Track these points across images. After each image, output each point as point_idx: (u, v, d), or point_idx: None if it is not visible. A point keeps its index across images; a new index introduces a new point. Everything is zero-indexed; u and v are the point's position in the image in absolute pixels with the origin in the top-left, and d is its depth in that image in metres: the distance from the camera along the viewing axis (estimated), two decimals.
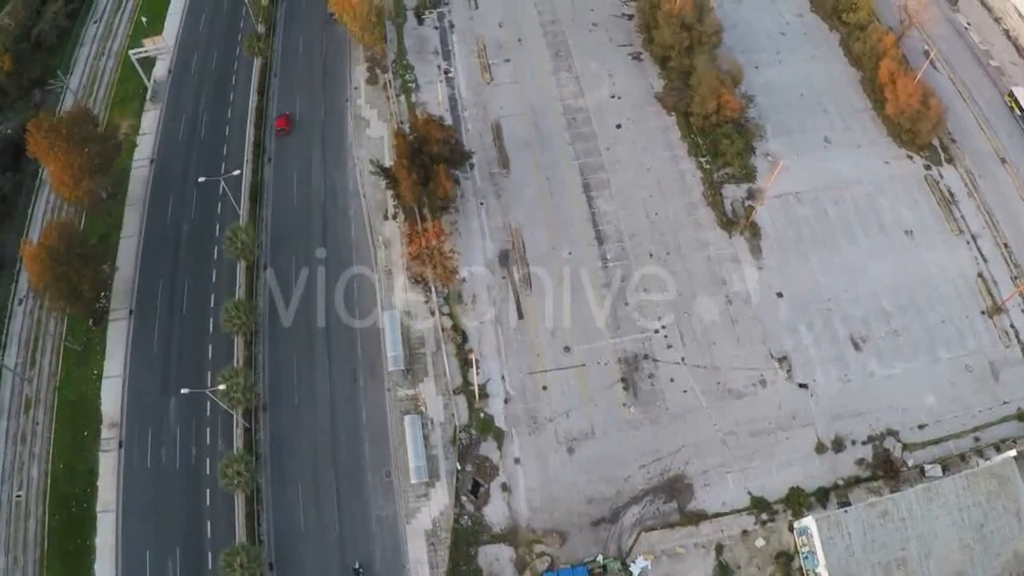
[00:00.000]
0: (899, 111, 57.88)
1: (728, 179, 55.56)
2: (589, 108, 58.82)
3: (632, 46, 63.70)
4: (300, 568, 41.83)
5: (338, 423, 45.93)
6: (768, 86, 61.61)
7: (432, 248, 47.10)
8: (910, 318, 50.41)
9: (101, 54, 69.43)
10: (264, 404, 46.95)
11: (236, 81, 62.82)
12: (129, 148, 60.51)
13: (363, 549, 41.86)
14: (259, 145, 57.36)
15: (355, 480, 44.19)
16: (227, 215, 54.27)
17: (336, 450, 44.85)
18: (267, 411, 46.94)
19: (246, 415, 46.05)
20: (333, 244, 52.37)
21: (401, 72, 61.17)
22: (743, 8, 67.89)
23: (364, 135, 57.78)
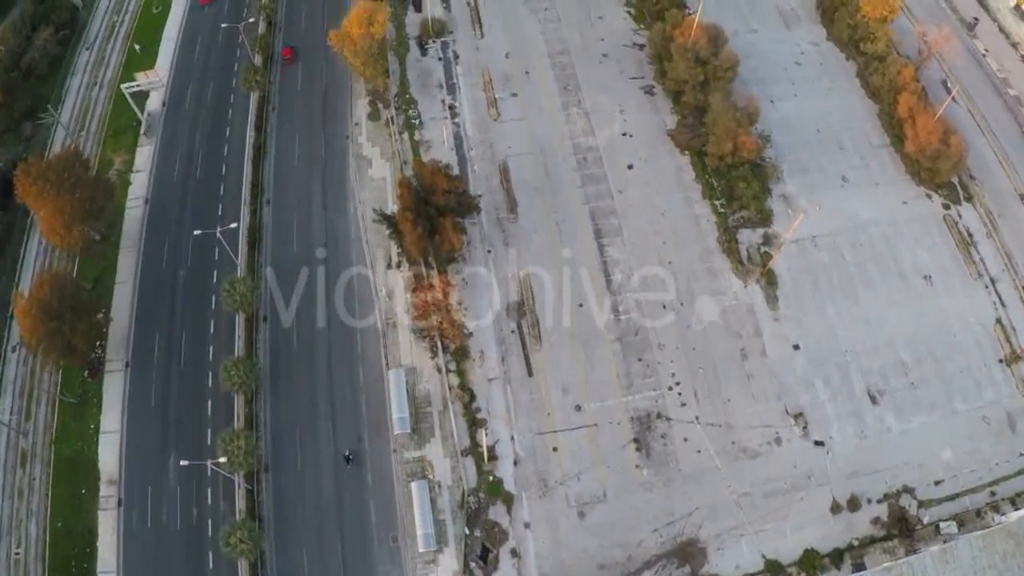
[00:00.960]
0: (919, 149, 56.13)
1: (743, 223, 53.79)
2: (600, 147, 56.79)
3: (644, 79, 61.44)
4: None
5: (343, 485, 44.71)
6: (784, 122, 59.69)
7: (439, 303, 46.05)
8: (928, 369, 49.37)
9: (93, 84, 66.96)
10: (266, 464, 45.61)
11: (232, 115, 60.56)
12: (123, 185, 58.59)
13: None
14: (257, 185, 55.37)
15: (361, 545, 42.94)
16: (224, 262, 52.42)
17: (341, 514, 43.70)
18: (269, 472, 45.60)
19: (248, 478, 44.72)
20: (334, 296, 49.79)
21: (404, 107, 58.94)
22: (758, 37, 65.60)
23: (366, 176, 55.73)
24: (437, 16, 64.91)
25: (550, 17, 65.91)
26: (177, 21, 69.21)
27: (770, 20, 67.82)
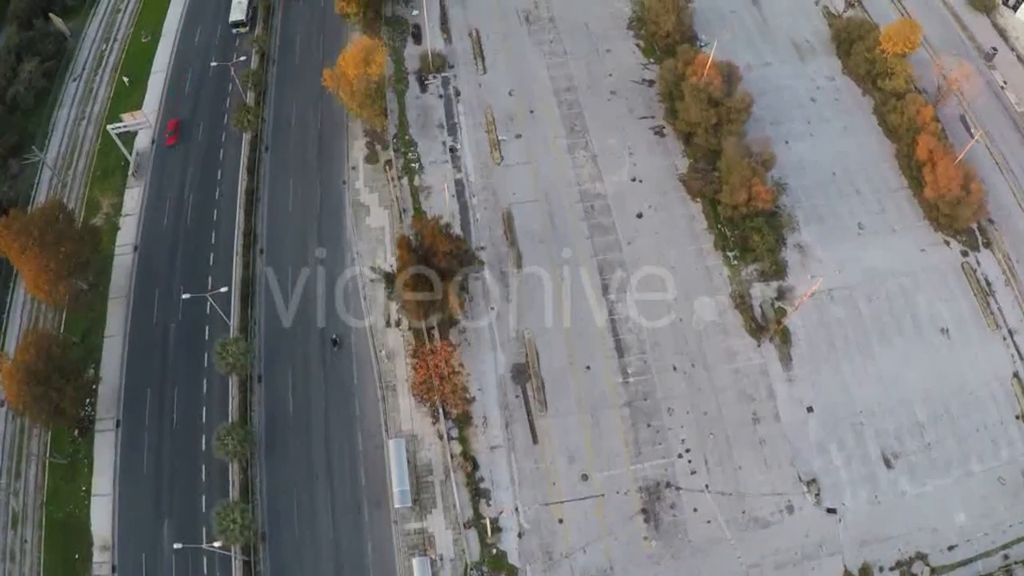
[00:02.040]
0: (938, 196, 54.03)
1: (757, 277, 51.58)
2: (608, 194, 54.45)
3: (654, 118, 58.85)
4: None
5: (342, 557, 43.02)
6: (799, 164, 57.32)
7: (440, 369, 44.07)
8: (944, 429, 47.79)
9: (81, 119, 64.38)
10: (263, 534, 43.93)
11: (224, 155, 58.13)
12: (111, 230, 56.43)
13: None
14: (250, 234, 53.00)
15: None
16: (217, 316, 50.12)
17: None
18: (267, 542, 43.95)
19: (245, 549, 42.98)
20: (331, 357, 48.11)
21: (403, 149, 56.46)
22: (772, 72, 62.85)
23: (364, 225, 53.44)
24: (437, 50, 61.94)
25: (555, 50, 63.11)
26: (167, 51, 66.47)
27: (784, 52, 64.93)
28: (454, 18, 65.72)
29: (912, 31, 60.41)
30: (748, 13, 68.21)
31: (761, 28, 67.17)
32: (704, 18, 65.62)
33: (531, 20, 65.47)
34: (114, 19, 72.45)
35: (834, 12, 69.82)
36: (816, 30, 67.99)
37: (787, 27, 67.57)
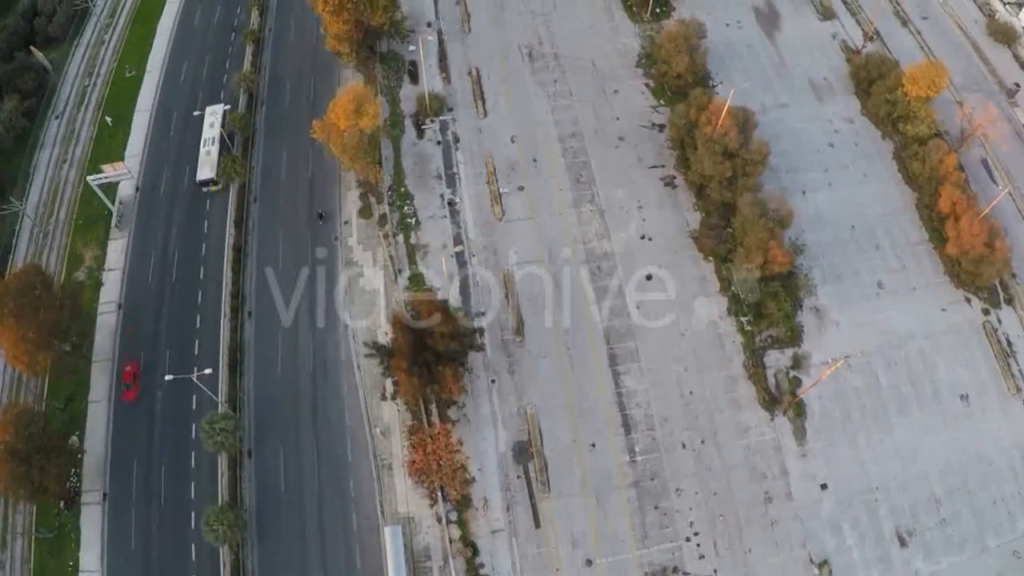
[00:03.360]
0: (960, 252, 51.54)
1: (772, 344, 49.00)
2: (615, 253, 51.57)
3: (664, 167, 55.72)
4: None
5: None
6: (817, 218, 54.55)
7: (439, 455, 41.74)
8: (960, 503, 45.77)
9: (63, 161, 61.46)
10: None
11: (211, 206, 55.26)
12: (94, 286, 53.62)
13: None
14: (238, 295, 50.36)
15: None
16: (204, 382, 46.33)
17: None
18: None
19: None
20: (325, 429, 45.52)
21: (399, 202, 53.36)
22: (788, 114, 59.83)
23: (357, 287, 50.49)
24: (435, 91, 58.50)
25: (560, 91, 59.78)
26: (152, 88, 63.34)
27: (801, 92, 61.70)
28: (453, 55, 62.44)
29: (938, 74, 57.06)
30: (763, 49, 64.93)
31: (777, 65, 63.86)
32: (717, 55, 62.32)
33: (534, 57, 62.12)
34: (98, 51, 69.28)
35: (852, 47, 66.30)
36: (833, 67, 64.77)
37: (804, 64, 64.29)
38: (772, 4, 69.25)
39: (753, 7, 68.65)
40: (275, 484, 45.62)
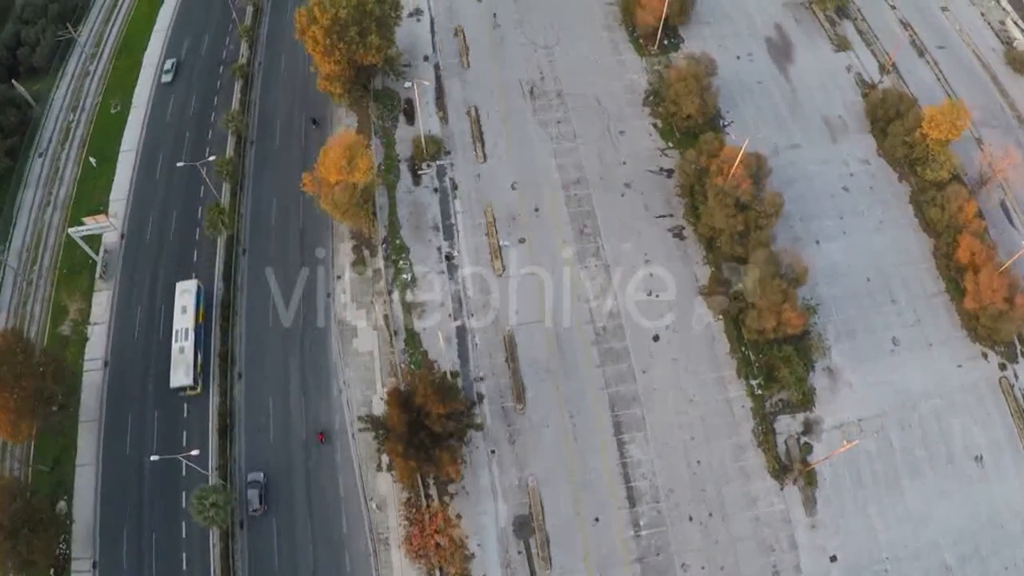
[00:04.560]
0: (979, 307, 49.31)
1: (782, 408, 46.84)
2: (621, 312, 49.07)
3: (672, 217, 53.13)
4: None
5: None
6: (831, 270, 52.13)
7: (438, 536, 39.65)
8: (971, 570, 43.93)
9: (46, 204, 59.19)
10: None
11: (198, 258, 52.86)
12: (79, 341, 51.46)
13: None
14: (227, 358, 48.08)
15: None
16: (194, 447, 44.83)
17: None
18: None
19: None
20: (319, 501, 43.59)
21: (394, 255, 50.86)
22: (802, 155, 57.23)
23: (351, 349, 48.29)
24: (432, 133, 55.86)
25: (564, 132, 56.98)
26: (137, 126, 60.80)
27: (815, 131, 58.95)
28: (451, 93, 59.60)
29: (959, 115, 54.20)
30: (775, 84, 62.03)
31: (790, 101, 60.99)
32: (728, 92, 59.43)
33: (536, 95, 59.19)
34: (82, 84, 66.76)
35: (868, 80, 63.37)
36: (848, 103, 61.85)
37: (818, 100, 61.43)
38: (785, 34, 66.36)
39: (765, 37, 65.66)
40: (268, 558, 43.66)
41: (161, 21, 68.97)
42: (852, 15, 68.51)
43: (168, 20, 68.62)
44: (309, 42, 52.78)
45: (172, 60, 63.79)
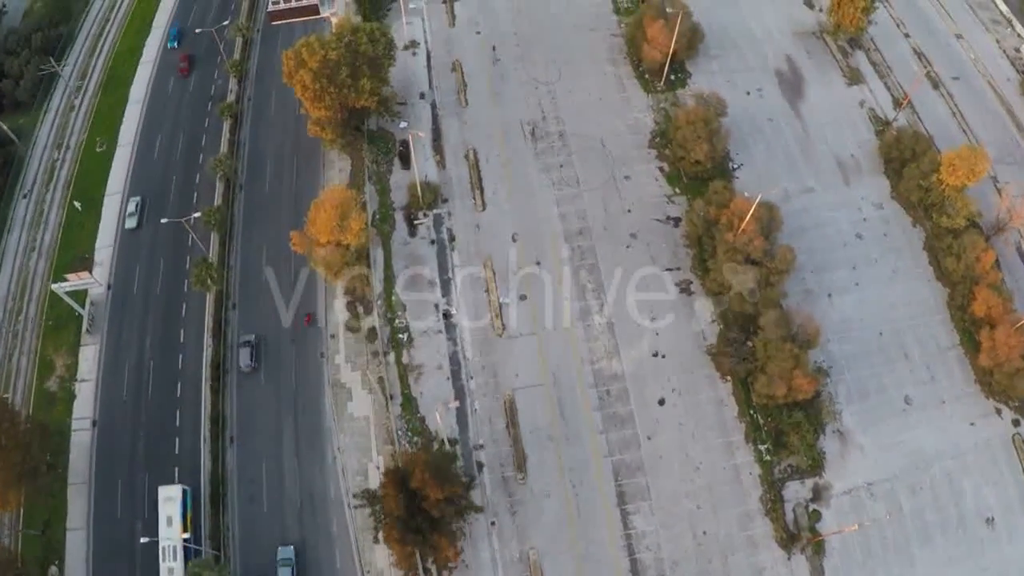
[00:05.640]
0: (995, 364, 47.58)
1: (791, 474, 45.17)
2: (626, 374, 47.25)
3: (679, 270, 50.85)
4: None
5: None
6: (844, 325, 50.22)
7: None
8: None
9: (31, 250, 57.30)
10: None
11: (187, 312, 50.80)
12: (66, 398, 49.83)
13: None
14: (218, 421, 46.36)
15: None
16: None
17: None
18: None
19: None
20: (315, 575, 42.03)
21: (390, 313, 48.83)
22: (814, 200, 54.99)
23: (345, 413, 46.46)
24: (428, 178, 53.30)
25: (566, 178, 54.57)
26: (123, 167, 58.61)
27: (827, 173, 56.75)
28: (448, 134, 57.24)
29: (977, 161, 51.69)
30: (786, 122, 59.60)
31: (801, 140, 58.52)
32: (738, 131, 56.89)
33: (538, 136, 56.80)
34: (67, 120, 64.30)
35: (882, 116, 60.80)
36: (862, 141, 59.44)
37: (830, 139, 58.94)
38: (796, 66, 63.64)
39: (775, 71, 63.05)
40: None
41: (148, 53, 66.27)
42: (865, 45, 65.89)
43: (155, 53, 65.95)
44: (298, 86, 50.42)
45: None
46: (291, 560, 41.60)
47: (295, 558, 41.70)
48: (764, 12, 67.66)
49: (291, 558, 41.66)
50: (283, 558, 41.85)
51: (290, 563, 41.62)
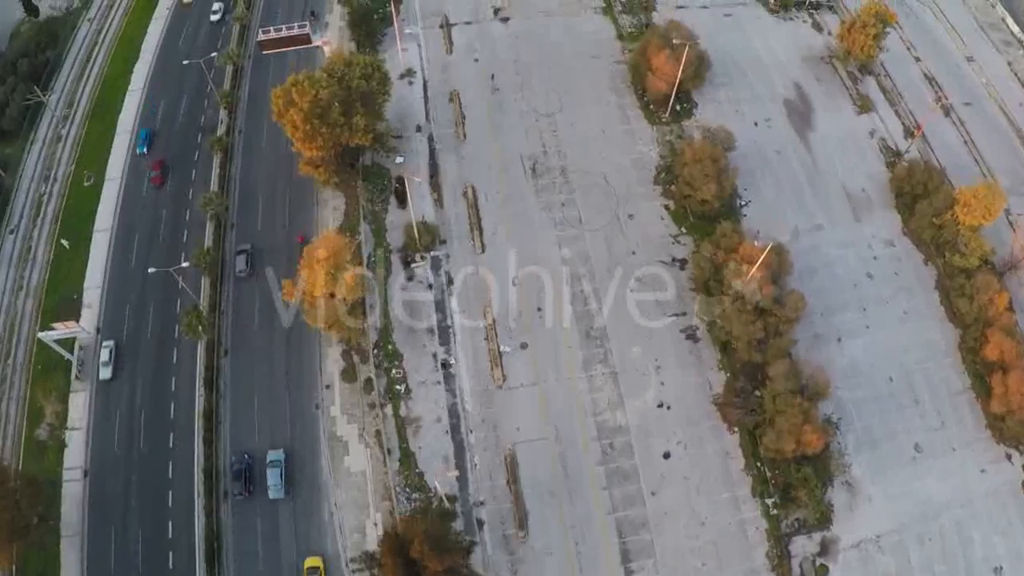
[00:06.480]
0: (1007, 410, 46.63)
1: (798, 528, 44.01)
2: (630, 426, 45.88)
3: (685, 315, 49.44)
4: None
5: None
6: (853, 370, 48.97)
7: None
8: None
9: (19, 288, 55.69)
10: None
11: (178, 358, 49.05)
12: (57, 447, 48.27)
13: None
14: (212, 475, 44.70)
15: None
16: (182, 570, 42.49)
17: None
18: None
19: None
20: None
21: (386, 363, 47.17)
22: (824, 238, 53.43)
23: (342, 468, 44.97)
24: (425, 218, 51.45)
25: (569, 217, 52.78)
26: (111, 202, 56.81)
27: (837, 208, 55.17)
28: (446, 170, 55.28)
29: (994, 200, 50.32)
30: (795, 153, 57.93)
31: (810, 173, 56.88)
32: (745, 165, 55.09)
33: (538, 172, 54.92)
34: (54, 150, 62.27)
35: (892, 146, 59.00)
36: (872, 173, 57.91)
37: (840, 171, 57.40)
38: (805, 94, 61.78)
39: (784, 99, 61.20)
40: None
41: (136, 81, 64.08)
42: (875, 71, 64.01)
43: (143, 80, 63.77)
44: (288, 126, 48.40)
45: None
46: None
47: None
48: (771, 36, 65.90)
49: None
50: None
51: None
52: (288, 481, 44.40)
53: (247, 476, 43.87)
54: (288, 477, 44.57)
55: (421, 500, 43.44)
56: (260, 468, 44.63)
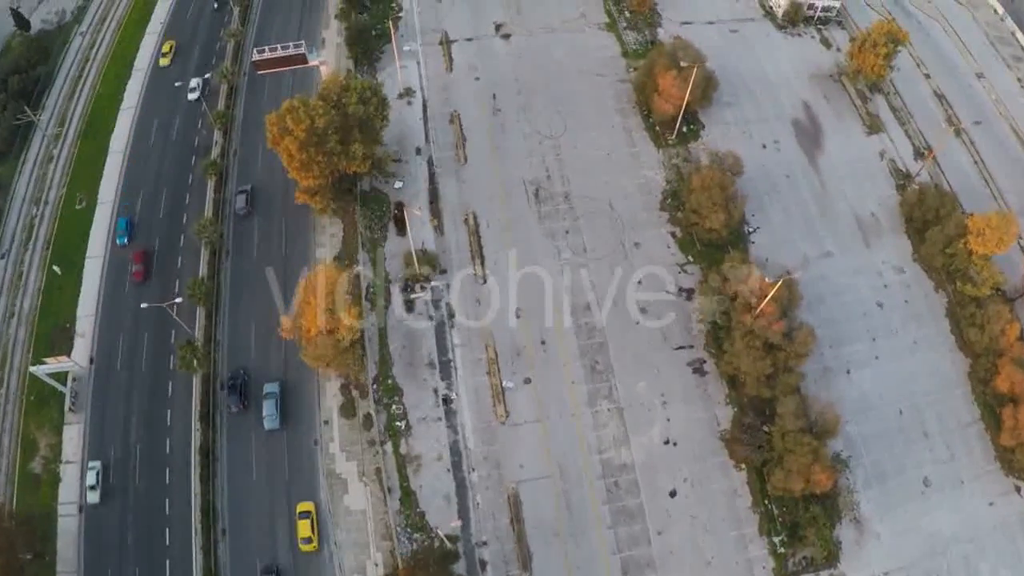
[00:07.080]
0: (1017, 443, 45.91)
1: (805, 567, 43.14)
2: (636, 464, 44.83)
3: (693, 348, 48.36)
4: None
5: None
6: (862, 403, 48.10)
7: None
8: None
9: (10, 315, 54.36)
10: None
11: (173, 390, 47.99)
12: (51, 481, 47.32)
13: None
14: (208, 511, 43.61)
15: None
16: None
17: None
18: None
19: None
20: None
21: (386, 398, 46.03)
22: (833, 266, 52.33)
23: (341, 507, 43.96)
24: (425, 246, 50.24)
25: (573, 245, 51.52)
26: (104, 226, 55.50)
27: (846, 234, 54.14)
28: (446, 195, 53.98)
29: (1006, 228, 49.06)
30: (804, 177, 56.74)
31: (819, 197, 55.82)
32: (754, 189, 53.96)
33: (541, 198, 53.62)
34: (46, 171, 61.05)
35: (902, 168, 57.86)
36: (882, 197, 56.72)
37: (849, 195, 56.26)
38: (813, 114, 60.45)
39: (792, 119, 59.91)
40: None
41: (129, 99, 62.56)
42: (885, 89, 62.68)
43: (136, 98, 62.29)
44: (283, 155, 47.11)
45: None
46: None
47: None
48: (779, 54, 64.44)
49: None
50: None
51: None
52: (289, 523, 42.65)
53: None
54: (287, 511, 42.90)
55: (422, 540, 42.47)
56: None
